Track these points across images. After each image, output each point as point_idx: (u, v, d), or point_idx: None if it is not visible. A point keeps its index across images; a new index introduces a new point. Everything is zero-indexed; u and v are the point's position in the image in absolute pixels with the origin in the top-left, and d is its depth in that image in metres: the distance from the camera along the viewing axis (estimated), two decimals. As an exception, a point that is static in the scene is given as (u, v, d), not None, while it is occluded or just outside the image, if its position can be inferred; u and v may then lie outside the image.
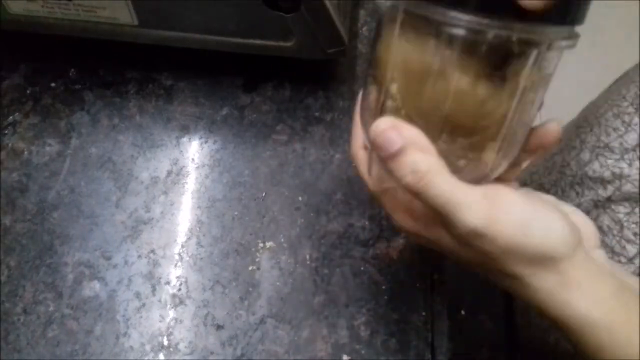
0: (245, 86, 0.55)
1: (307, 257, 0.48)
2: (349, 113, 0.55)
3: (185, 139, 0.53)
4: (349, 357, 0.45)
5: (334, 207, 0.50)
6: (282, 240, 0.49)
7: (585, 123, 0.53)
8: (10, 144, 0.52)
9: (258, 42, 0.49)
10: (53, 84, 0.54)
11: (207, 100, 0.54)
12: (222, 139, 0.53)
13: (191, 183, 0.51)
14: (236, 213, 0.50)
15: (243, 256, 0.48)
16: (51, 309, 0.46)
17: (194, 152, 0.52)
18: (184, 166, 0.52)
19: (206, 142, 0.53)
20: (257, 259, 0.48)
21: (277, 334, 0.46)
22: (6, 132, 0.52)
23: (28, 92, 0.54)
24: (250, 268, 0.48)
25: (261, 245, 0.49)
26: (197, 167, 0.52)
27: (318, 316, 0.46)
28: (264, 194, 0.51)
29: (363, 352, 0.45)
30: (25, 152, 0.51)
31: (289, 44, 0.49)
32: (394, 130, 0.28)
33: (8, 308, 0.46)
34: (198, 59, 0.54)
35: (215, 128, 0.53)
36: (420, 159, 0.28)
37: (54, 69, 0.55)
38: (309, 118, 0.54)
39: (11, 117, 0.53)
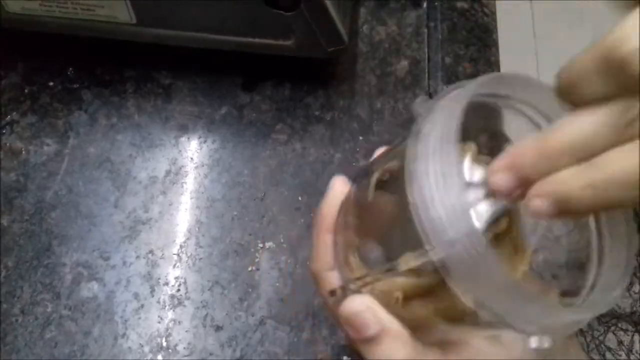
0: (244, 85, 0.55)
1: (307, 257, 0.48)
2: (349, 112, 0.54)
3: (184, 139, 0.52)
4: (350, 359, 0.45)
5: (334, 207, 0.50)
6: (282, 240, 0.49)
7: None
8: (8, 144, 0.51)
9: (257, 40, 0.49)
10: (51, 83, 0.54)
11: (206, 99, 0.54)
12: (221, 138, 0.53)
13: (190, 183, 0.51)
14: (235, 213, 0.50)
15: (242, 257, 0.48)
16: (49, 309, 0.45)
17: (193, 151, 0.52)
18: (182, 166, 0.51)
19: (205, 141, 0.52)
20: (256, 260, 0.48)
21: (277, 335, 0.45)
22: (4, 131, 0.52)
23: (26, 91, 0.54)
24: (249, 269, 0.48)
25: (261, 245, 0.48)
26: (196, 167, 0.51)
27: (318, 317, 0.46)
28: (263, 194, 0.50)
29: (363, 353, 0.45)
30: (23, 152, 0.51)
31: (288, 42, 0.49)
32: (369, 313, 0.26)
33: (6, 309, 0.45)
34: (197, 57, 0.54)
35: (214, 127, 0.53)
36: (395, 349, 0.26)
37: (51, 68, 0.55)
38: (309, 117, 0.54)
39: (9, 117, 0.52)
